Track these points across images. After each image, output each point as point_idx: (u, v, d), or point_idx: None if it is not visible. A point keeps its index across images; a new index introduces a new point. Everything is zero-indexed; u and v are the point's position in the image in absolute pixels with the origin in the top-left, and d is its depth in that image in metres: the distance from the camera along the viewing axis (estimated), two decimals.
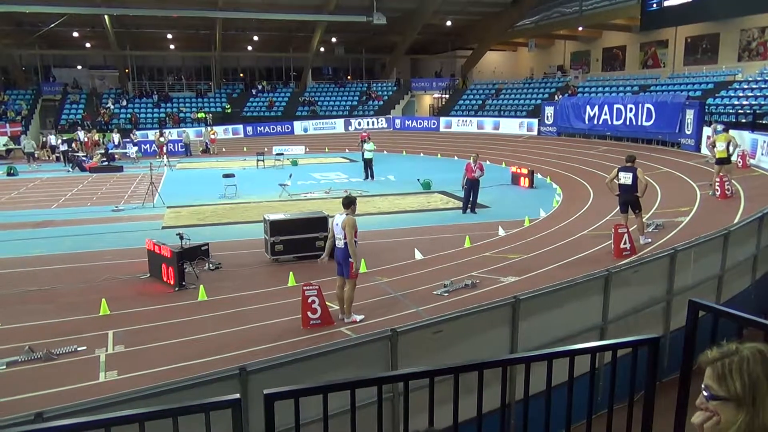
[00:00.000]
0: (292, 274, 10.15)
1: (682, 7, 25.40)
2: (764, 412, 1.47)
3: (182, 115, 39.27)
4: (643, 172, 11.20)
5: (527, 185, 19.78)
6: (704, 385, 1.54)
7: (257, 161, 26.87)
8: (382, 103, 42.28)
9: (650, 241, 10.99)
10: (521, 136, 32.04)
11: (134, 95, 40.82)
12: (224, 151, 33.25)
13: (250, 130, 38.46)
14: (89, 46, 41.38)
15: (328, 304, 8.09)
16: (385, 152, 30.13)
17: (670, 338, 7.40)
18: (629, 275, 7.04)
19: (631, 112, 25.99)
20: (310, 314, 7.88)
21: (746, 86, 23.78)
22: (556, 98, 32.33)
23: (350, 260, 8.02)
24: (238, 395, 2.39)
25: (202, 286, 9.60)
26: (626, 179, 10.94)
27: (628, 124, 26.26)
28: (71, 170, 27.48)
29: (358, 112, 41.59)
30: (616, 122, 26.93)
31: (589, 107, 28.47)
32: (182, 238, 10.48)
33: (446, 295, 8.86)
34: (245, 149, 32.65)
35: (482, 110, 37.16)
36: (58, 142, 31.30)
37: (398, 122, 39.52)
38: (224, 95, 42.45)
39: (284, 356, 4.66)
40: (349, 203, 8.26)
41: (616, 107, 26.89)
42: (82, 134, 32.30)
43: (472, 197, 15.96)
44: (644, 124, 25.36)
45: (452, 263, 10.70)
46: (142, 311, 8.90)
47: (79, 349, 7.42)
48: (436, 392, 2.58)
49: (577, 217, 14.35)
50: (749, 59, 26.14)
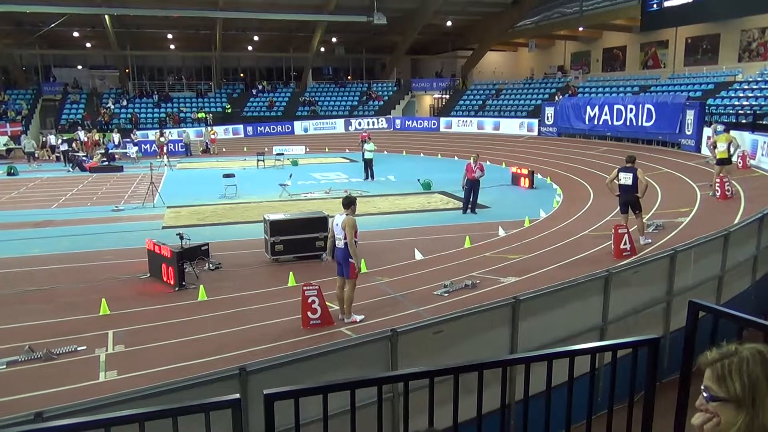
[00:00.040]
0: (292, 274, 10.15)
1: (682, 7, 25.41)
2: (764, 412, 1.47)
3: (182, 115, 39.28)
4: (643, 172, 11.20)
5: (527, 186, 19.78)
6: (704, 386, 1.54)
7: (257, 161, 26.88)
8: (382, 103, 42.28)
9: (650, 241, 10.99)
10: (521, 136, 32.03)
11: (134, 95, 40.83)
12: (224, 151, 33.27)
13: (250, 130, 38.47)
14: (89, 46, 41.40)
15: (328, 304, 8.09)
16: (385, 152, 30.14)
17: (670, 339, 7.40)
18: (629, 276, 7.04)
19: (631, 112, 25.99)
20: (310, 314, 7.88)
21: (746, 87, 23.78)
22: (556, 99, 32.33)
23: (350, 260, 8.03)
24: (238, 395, 2.39)
25: (202, 286, 9.61)
26: (626, 180, 10.94)
27: (628, 124, 26.26)
28: (71, 170, 27.49)
29: (358, 112, 41.59)
30: (616, 123, 26.94)
31: (589, 108, 28.47)
32: (182, 238, 10.49)
33: (446, 295, 8.85)
34: (245, 149, 32.66)
35: (482, 110, 37.16)
36: (58, 142, 31.31)
37: (398, 122, 39.51)
38: (224, 95, 42.47)
39: (284, 356, 4.67)
40: (349, 203, 8.26)
41: (616, 108, 26.89)
42: (82, 134, 32.32)
43: (472, 197, 15.97)
44: (644, 124, 25.36)
45: (452, 263, 10.70)
46: (142, 311, 8.90)
47: (79, 348, 7.42)
48: (436, 392, 2.58)
49: (577, 217, 14.35)
50: (749, 60, 26.14)
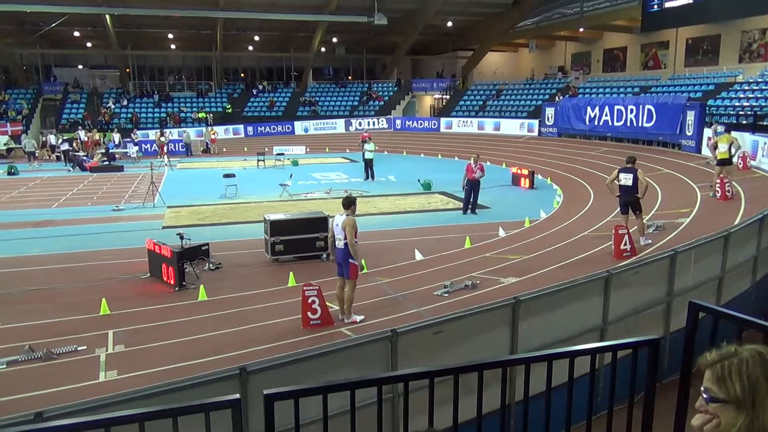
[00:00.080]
0: (292, 274, 10.15)
1: (682, 8, 25.42)
2: (764, 414, 1.47)
3: (183, 114, 39.29)
4: (643, 173, 11.20)
5: (528, 186, 19.78)
6: (704, 387, 1.54)
7: (258, 161, 26.89)
8: (382, 103, 42.27)
9: (650, 242, 10.99)
10: (522, 137, 32.02)
11: (135, 95, 40.84)
12: (225, 151, 33.27)
13: (250, 130, 38.47)
14: (90, 45, 41.41)
15: (328, 304, 8.09)
16: (385, 153, 30.15)
17: (670, 339, 7.39)
18: (629, 276, 7.03)
19: (631, 113, 25.98)
20: (310, 314, 7.88)
21: (747, 88, 23.78)
22: (556, 99, 32.34)
23: (350, 261, 8.03)
24: (238, 395, 2.39)
25: (202, 286, 9.61)
26: (627, 180, 10.94)
27: (628, 125, 26.26)
28: (72, 170, 27.50)
29: (358, 112, 41.59)
30: (616, 123, 26.93)
31: (589, 108, 28.46)
32: (182, 237, 10.50)
33: (446, 295, 8.85)
34: (246, 149, 32.67)
35: (483, 111, 37.15)
36: (58, 141, 31.33)
37: (399, 123, 39.50)
38: (225, 95, 42.48)
39: (284, 356, 4.67)
40: (349, 203, 8.26)
41: (616, 108, 26.88)
42: (82, 134, 32.34)
43: (472, 198, 15.97)
44: (645, 125, 25.35)
45: (453, 264, 10.70)
46: (142, 311, 8.90)
47: (79, 348, 7.42)
48: (436, 393, 2.58)
49: (577, 218, 14.35)
50: (750, 61, 26.13)
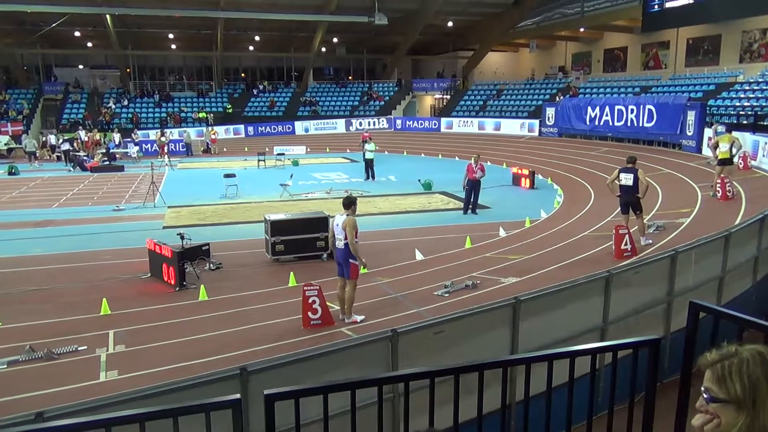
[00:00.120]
0: (292, 274, 10.15)
1: (683, 8, 25.40)
2: (764, 414, 1.46)
3: (183, 114, 39.31)
4: (644, 173, 11.20)
5: (528, 186, 19.78)
6: (704, 387, 1.53)
7: (258, 161, 26.89)
8: (383, 103, 42.28)
9: (651, 242, 10.99)
10: (522, 137, 32.02)
11: (135, 95, 40.86)
12: (225, 151, 33.28)
13: (251, 130, 38.49)
14: (91, 45, 41.43)
15: (328, 304, 8.09)
16: (386, 153, 30.15)
17: (670, 339, 7.39)
18: (630, 276, 7.03)
19: (632, 113, 25.98)
20: (310, 314, 7.88)
21: (747, 88, 23.76)
22: (557, 99, 32.33)
23: (350, 261, 8.03)
24: (238, 395, 2.39)
25: (202, 286, 9.61)
26: (627, 180, 10.94)
27: (629, 125, 26.25)
28: (72, 170, 27.52)
29: (359, 112, 41.60)
30: (617, 123, 26.92)
31: (590, 108, 28.45)
32: (183, 237, 10.49)
33: (447, 295, 8.85)
34: (246, 149, 32.67)
35: (483, 111, 37.15)
36: (58, 141, 31.34)
37: (399, 123, 39.50)
38: (225, 95, 42.49)
39: (285, 356, 4.67)
40: (349, 203, 8.25)
41: (617, 108, 26.88)
42: (83, 134, 32.34)
43: (473, 198, 15.97)
44: (645, 125, 25.34)
45: (453, 264, 10.70)
46: (142, 311, 8.90)
47: (79, 348, 7.41)
48: (436, 393, 2.58)
49: (578, 218, 14.35)
50: (751, 61, 26.12)
